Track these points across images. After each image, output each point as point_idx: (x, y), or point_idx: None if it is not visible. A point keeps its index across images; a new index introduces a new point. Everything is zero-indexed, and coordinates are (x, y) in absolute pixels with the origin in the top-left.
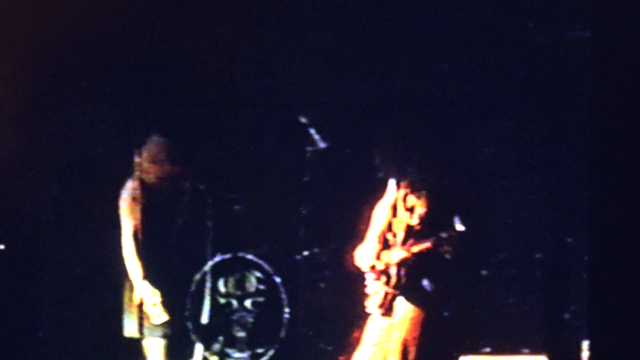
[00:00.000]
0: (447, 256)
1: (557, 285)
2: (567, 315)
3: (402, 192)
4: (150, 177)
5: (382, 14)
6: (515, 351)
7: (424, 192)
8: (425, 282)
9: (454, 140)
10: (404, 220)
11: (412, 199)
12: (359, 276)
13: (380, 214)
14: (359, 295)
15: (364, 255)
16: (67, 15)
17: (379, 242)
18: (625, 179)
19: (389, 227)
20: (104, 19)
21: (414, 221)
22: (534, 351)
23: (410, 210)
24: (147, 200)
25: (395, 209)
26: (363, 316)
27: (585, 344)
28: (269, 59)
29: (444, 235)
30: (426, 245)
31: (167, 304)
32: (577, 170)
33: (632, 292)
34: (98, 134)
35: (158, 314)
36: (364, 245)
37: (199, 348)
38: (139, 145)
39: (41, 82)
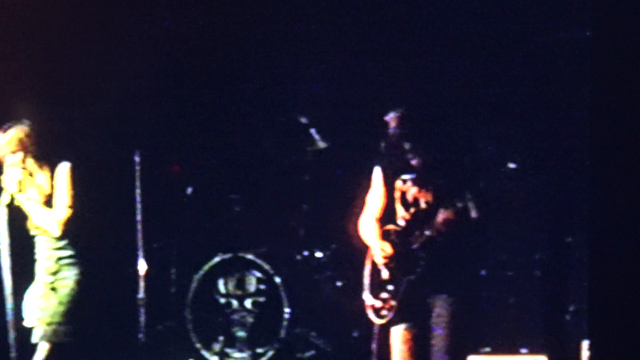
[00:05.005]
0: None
1: (557, 285)
2: (567, 316)
3: (402, 185)
4: None
5: (383, 15)
6: (515, 351)
7: (428, 187)
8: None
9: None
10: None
11: (413, 192)
12: (361, 275)
13: (374, 202)
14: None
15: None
16: (64, 15)
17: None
18: (625, 178)
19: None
20: (103, 17)
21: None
22: (534, 351)
23: (413, 202)
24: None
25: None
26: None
27: (585, 344)
28: (269, 59)
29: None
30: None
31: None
32: (577, 170)
33: (632, 292)
34: (98, 134)
35: None
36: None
37: None
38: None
39: (41, 81)
